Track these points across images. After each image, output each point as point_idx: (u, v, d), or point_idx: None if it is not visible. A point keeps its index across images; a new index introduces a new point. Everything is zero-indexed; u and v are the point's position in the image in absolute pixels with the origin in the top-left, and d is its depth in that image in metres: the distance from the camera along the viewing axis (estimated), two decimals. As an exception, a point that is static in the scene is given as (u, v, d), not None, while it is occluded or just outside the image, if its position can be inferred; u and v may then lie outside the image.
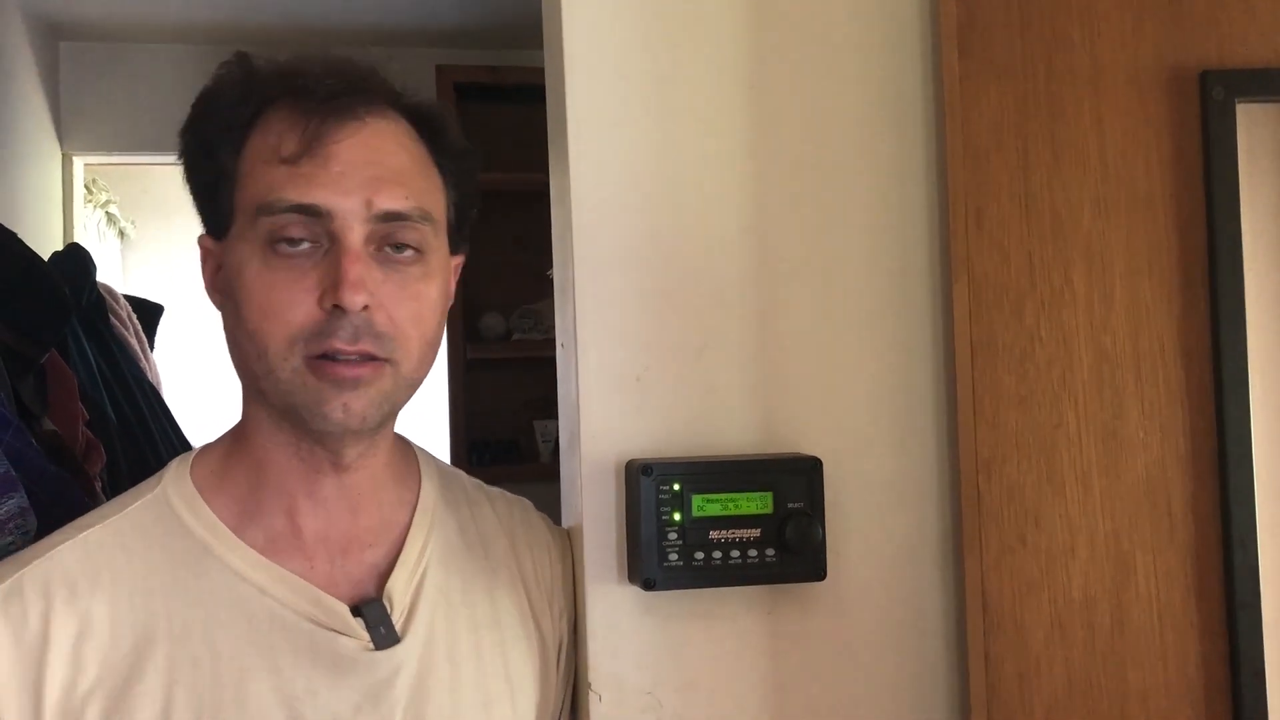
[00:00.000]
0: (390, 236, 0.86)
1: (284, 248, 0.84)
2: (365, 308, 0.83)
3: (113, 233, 3.75)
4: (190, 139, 0.91)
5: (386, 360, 0.85)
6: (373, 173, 0.85)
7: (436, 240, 0.90)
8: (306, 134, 0.84)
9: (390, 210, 0.85)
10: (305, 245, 0.84)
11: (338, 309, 0.83)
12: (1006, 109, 0.97)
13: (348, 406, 0.84)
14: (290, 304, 0.83)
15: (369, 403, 0.85)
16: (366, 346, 0.84)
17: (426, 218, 0.88)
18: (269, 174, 0.85)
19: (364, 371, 0.84)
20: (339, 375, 0.84)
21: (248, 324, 0.85)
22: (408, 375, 0.88)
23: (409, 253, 0.87)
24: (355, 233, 0.84)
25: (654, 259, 0.99)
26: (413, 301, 0.87)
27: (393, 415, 0.91)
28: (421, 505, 0.96)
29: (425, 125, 0.91)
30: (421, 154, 0.90)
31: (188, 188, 0.92)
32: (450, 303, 0.94)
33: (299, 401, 0.85)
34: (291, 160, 0.84)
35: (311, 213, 0.83)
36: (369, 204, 0.84)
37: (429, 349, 0.90)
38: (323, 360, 0.84)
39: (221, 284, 0.89)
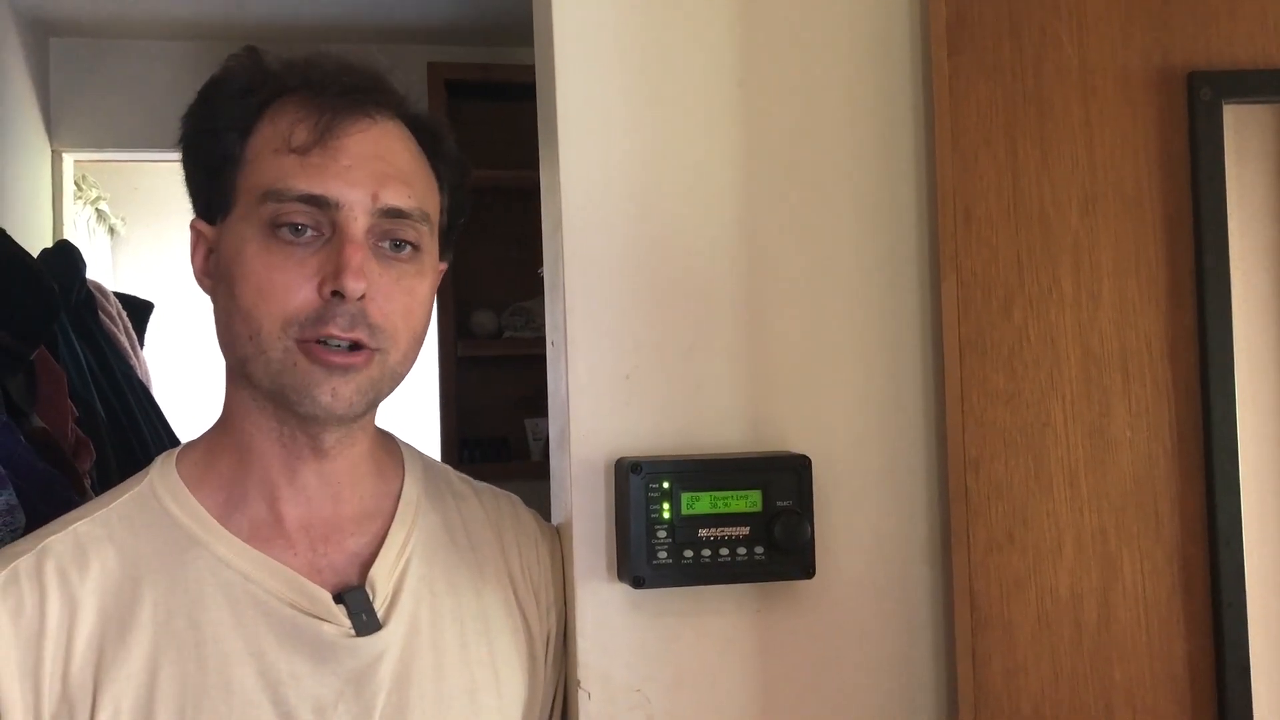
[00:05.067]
0: (390, 233, 0.89)
1: (286, 234, 0.86)
2: (362, 297, 0.85)
3: (103, 230, 3.74)
4: (196, 122, 0.92)
5: (377, 350, 0.87)
6: (380, 169, 0.88)
7: (431, 242, 0.93)
8: (319, 126, 0.86)
9: (394, 206, 0.88)
10: (308, 233, 0.86)
11: (336, 296, 0.85)
12: (995, 108, 0.97)
13: (336, 392, 0.86)
14: (288, 287, 0.85)
15: (356, 389, 0.87)
16: (360, 335, 0.86)
17: (425, 218, 0.91)
18: (278, 162, 0.87)
19: (355, 360, 0.86)
20: (330, 361, 0.86)
21: (242, 303, 0.86)
22: (394, 367, 0.90)
23: (407, 250, 0.90)
24: (359, 224, 0.86)
25: (643, 257, 0.99)
26: (405, 296, 0.89)
27: (375, 405, 0.92)
28: (404, 497, 0.97)
29: (425, 133, 0.94)
30: (422, 158, 0.93)
31: (185, 171, 0.93)
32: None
33: (288, 383, 0.86)
34: (302, 150, 0.86)
35: (320, 204, 0.86)
36: (375, 197, 0.87)
37: (416, 344, 0.92)
38: (315, 345, 0.85)
39: (213, 268, 0.91)
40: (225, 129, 0.89)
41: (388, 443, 1.01)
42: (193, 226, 0.93)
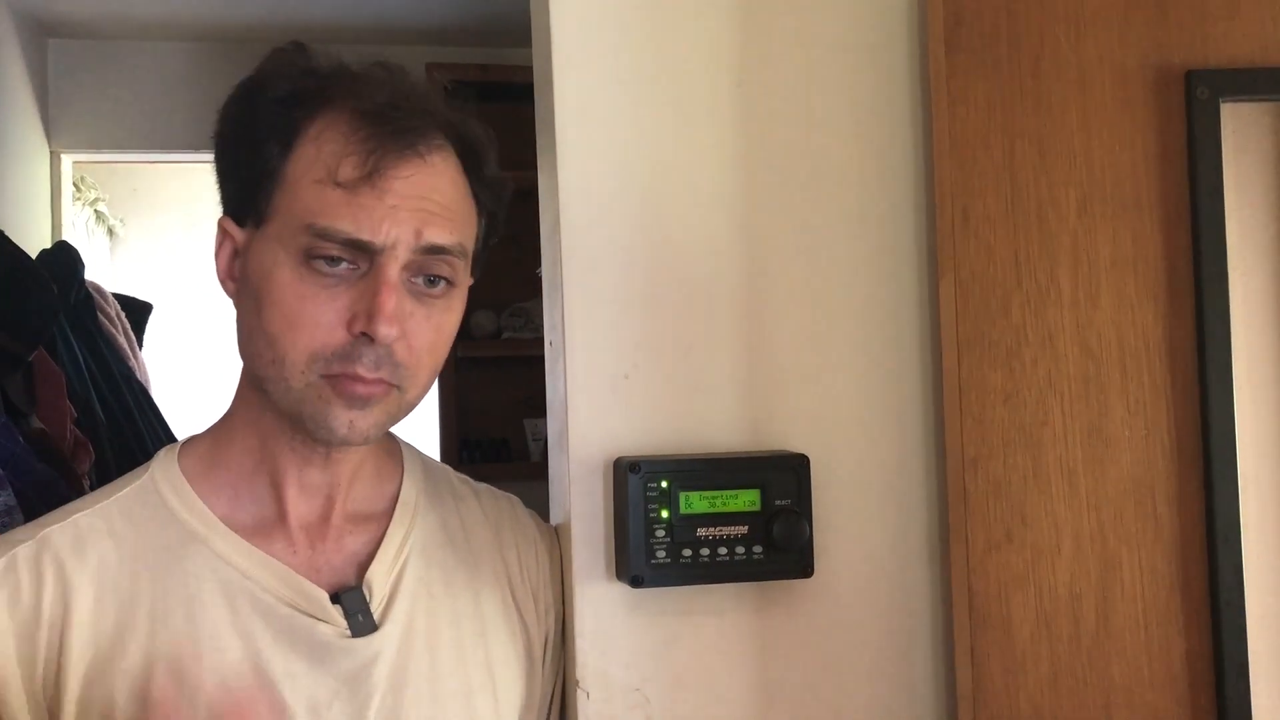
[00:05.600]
0: (426, 267, 0.86)
1: (321, 265, 0.84)
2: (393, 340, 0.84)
3: (101, 231, 3.74)
4: (234, 123, 0.89)
5: (396, 386, 0.86)
6: (424, 206, 0.85)
7: (464, 274, 0.91)
8: (368, 164, 0.84)
9: (436, 244, 0.86)
10: (343, 266, 0.84)
11: (365, 336, 0.83)
12: (993, 107, 0.97)
13: (353, 424, 0.85)
14: (317, 323, 0.83)
15: (373, 423, 0.87)
16: (384, 375, 0.85)
17: (463, 253, 0.89)
18: (322, 194, 0.84)
19: (376, 391, 0.85)
20: (353, 392, 0.85)
21: (268, 329, 0.84)
22: (410, 400, 0.89)
23: (441, 286, 0.88)
24: (398, 263, 0.84)
25: (642, 257, 0.99)
26: (434, 333, 0.88)
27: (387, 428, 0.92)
28: (403, 498, 0.97)
29: (469, 155, 0.91)
30: (464, 186, 0.91)
31: (217, 167, 0.91)
32: None
33: (306, 411, 0.85)
34: (349, 186, 0.83)
35: (364, 248, 0.84)
36: (418, 235, 0.85)
37: (434, 376, 0.91)
38: (338, 377, 0.84)
39: (239, 273, 0.89)
40: (266, 139, 0.86)
41: (388, 443, 1.01)
42: (220, 225, 0.90)
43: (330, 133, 0.85)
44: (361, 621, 0.89)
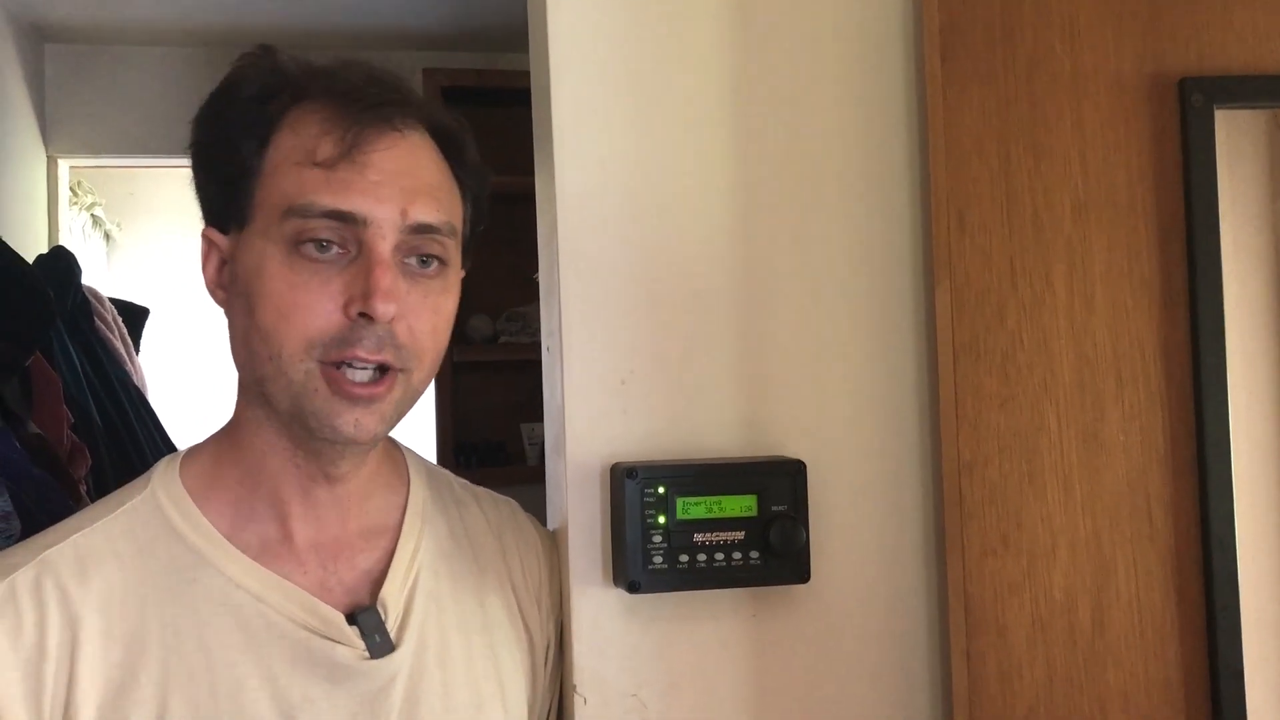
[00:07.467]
0: (418, 248, 0.86)
1: (310, 250, 0.82)
2: (391, 319, 0.83)
3: (98, 235, 3.73)
4: (208, 128, 0.88)
5: (401, 370, 0.85)
6: (408, 184, 0.85)
7: (456, 254, 0.90)
8: (346, 140, 0.83)
9: (423, 222, 0.85)
10: (334, 250, 0.83)
11: (364, 317, 0.82)
12: (988, 113, 0.97)
13: (359, 423, 0.84)
14: (312, 308, 0.82)
15: (380, 419, 0.85)
16: (387, 357, 0.83)
17: (452, 231, 0.88)
18: (301, 175, 0.83)
19: (379, 390, 0.84)
20: (354, 394, 0.83)
21: (262, 324, 0.83)
22: (415, 386, 0.88)
23: (434, 265, 0.87)
24: (387, 241, 0.83)
25: (639, 262, 0.99)
26: (433, 314, 0.87)
27: (395, 425, 0.90)
28: (411, 507, 0.96)
29: (448, 142, 0.91)
30: (446, 169, 0.90)
31: (196, 178, 0.90)
32: None
33: (308, 408, 0.83)
34: (328, 164, 0.82)
35: (347, 219, 0.82)
36: (404, 214, 0.84)
37: (438, 361, 0.89)
38: (337, 371, 0.83)
39: (228, 280, 0.87)
40: (242, 137, 0.85)
41: (393, 452, 0.99)
42: (204, 235, 0.89)
43: (306, 119, 0.85)
44: (379, 642, 0.87)
